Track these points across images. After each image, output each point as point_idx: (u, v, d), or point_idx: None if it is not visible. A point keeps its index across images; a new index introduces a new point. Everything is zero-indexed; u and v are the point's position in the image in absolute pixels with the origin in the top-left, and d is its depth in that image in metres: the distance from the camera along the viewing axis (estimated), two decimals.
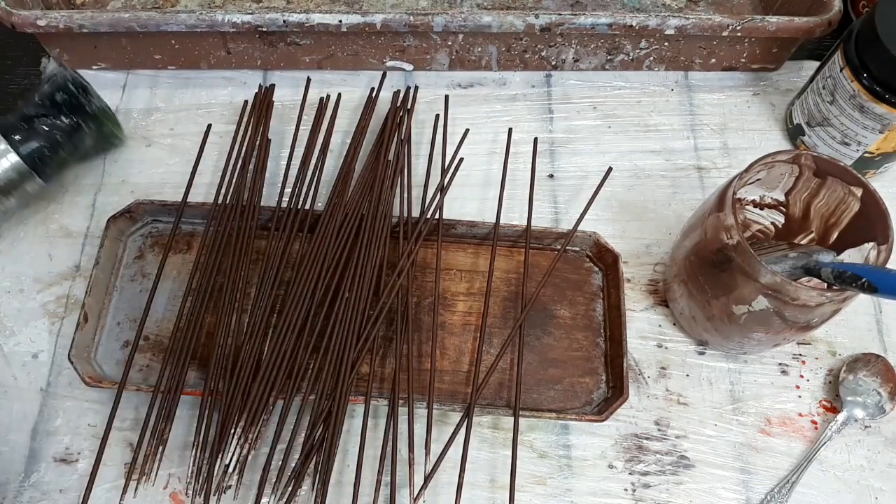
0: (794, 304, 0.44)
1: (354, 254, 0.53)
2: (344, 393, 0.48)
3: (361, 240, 0.54)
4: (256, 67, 0.66)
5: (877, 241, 0.46)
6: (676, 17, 0.60)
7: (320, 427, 0.48)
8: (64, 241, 0.58)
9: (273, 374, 0.49)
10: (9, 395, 0.52)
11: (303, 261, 0.53)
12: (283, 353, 0.49)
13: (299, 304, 0.51)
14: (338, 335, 0.50)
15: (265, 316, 0.51)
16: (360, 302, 0.51)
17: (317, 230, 0.54)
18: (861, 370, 0.54)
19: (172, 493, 0.49)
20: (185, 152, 0.62)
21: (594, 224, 0.59)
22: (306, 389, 0.49)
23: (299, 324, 0.50)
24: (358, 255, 0.53)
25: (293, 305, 0.51)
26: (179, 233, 0.58)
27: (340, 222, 0.54)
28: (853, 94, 0.55)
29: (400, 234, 0.56)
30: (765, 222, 0.54)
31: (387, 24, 0.60)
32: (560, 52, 0.65)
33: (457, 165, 0.59)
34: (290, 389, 0.49)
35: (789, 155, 0.48)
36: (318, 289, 0.52)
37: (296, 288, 0.52)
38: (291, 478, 0.47)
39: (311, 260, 0.53)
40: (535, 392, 0.53)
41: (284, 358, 0.49)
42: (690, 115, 0.66)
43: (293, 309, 0.51)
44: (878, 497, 0.51)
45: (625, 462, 0.51)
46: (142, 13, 0.59)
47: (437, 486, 0.50)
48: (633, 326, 0.56)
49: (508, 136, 0.62)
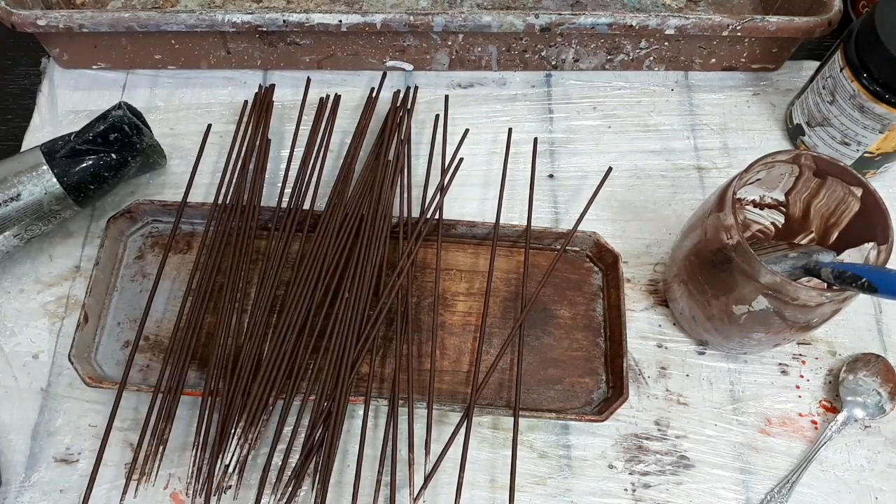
0: (794, 304, 0.44)
1: (354, 254, 0.53)
2: (344, 393, 0.48)
3: (361, 240, 0.54)
4: (256, 67, 0.66)
5: (877, 241, 0.46)
6: (676, 17, 0.60)
7: (320, 427, 0.48)
8: (64, 241, 0.58)
9: (273, 374, 0.49)
10: (9, 396, 0.52)
11: (302, 261, 0.53)
12: (283, 354, 0.49)
13: (299, 304, 0.51)
14: (338, 335, 0.50)
15: (265, 316, 0.51)
16: (360, 302, 0.51)
17: (317, 230, 0.54)
18: (861, 370, 0.54)
19: (173, 493, 0.49)
20: (184, 152, 0.62)
21: (594, 224, 0.59)
22: (306, 389, 0.49)
23: (299, 324, 0.50)
24: (358, 255, 0.53)
25: (293, 305, 0.51)
26: (179, 233, 0.58)
27: (340, 222, 0.54)
28: (853, 94, 0.55)
29: (399, 234, 0.56)
30: (765, 222, 0.54)
31: (387, 24, 0.60)
32: (560, 52, 0.65)
33: (457, 165, 0.60)
34: (290, 389, 0.49)
35: (789, 155, 0.48)
36: (317, 289, 0.52)
37: (296, 288, 0.52)
38: (291, 478, 0.47)
39: (310, 260, 0.53)
40: (535, 392, 0.53)
41: (284, 358, 0.49)
42: (690, 115, 0.66)
43: (293, 309, 0.51)
44: (878, 497, 0.51)
45: (625, 462, 0.51)
46: (142, 13, 0.59)
47: (437, 485, 0.50)
48: (633, 326, 0.56)
49: (508, 136, 0.62)
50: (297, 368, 0.49)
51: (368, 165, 0.58)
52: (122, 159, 0.54)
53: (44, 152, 0.53)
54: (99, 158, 0.53)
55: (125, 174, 0.56)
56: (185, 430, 0.51)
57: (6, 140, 0.63)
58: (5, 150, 0.62)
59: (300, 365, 0.50)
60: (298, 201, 0.56)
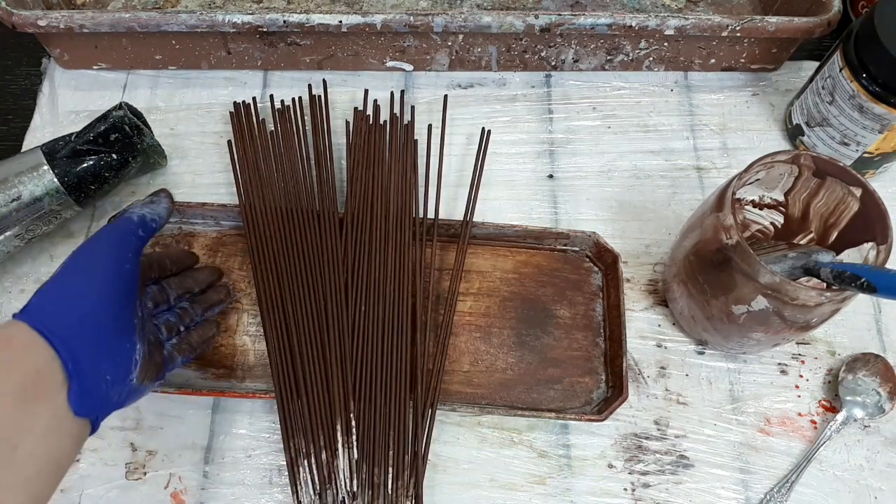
0: (793, 303, 0.44)
1: (377, 257, 0.54)
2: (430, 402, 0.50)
3: (383, 242, 0.55)
4: (257, 68, 0.66)
5: (876, 241, 0.46)
6: (676, 17, 0.60)
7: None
8: (65, 241, 0.58)
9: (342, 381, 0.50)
10: None
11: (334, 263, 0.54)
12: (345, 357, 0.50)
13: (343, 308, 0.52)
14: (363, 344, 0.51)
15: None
16: (366, 305, 0.52)
17: (343, 232, 0.55)
18: (860, 370, 0.54)
19: (173, 492, 0.49)
20: (185, 152, 0.62)
21: (594, 224, 0.59)
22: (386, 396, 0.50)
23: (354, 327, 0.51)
24: (381, 257, 0.54)
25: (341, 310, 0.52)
26: (180, 233, 0.58)
27: (365, 225, 0.55)
28: (852, 94, 0.55)
29: (404, 235, 0.56)
30: (764, 222, 0.55)
31: (387, 25, 0.60)
32: (560, 53, 0.65)
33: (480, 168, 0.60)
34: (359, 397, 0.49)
35: (788, 155, 0.48)
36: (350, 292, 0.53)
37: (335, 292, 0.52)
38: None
39: (342, 261, 0.54)
40: (534, 392, 0.53)
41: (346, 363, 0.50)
42: (690, 116, 0.66)
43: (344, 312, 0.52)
44: (878, 497, 0.51)
45: (624, 462, 0.52)
46: (142, 13, 0.59)
47: (436, 485, 0.50)
48: (633, 326, 0.56)
49: (481, 136, 0.61)
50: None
51: (369, 167, 0.58)
52: (123, 159, 0.55)
53: (44, 152, 0.53)
54: (100, 159, 0.54)
55: (126, 174, 0.56)
56: (185, 429, 0.51)
57: (7, 140, 0.63)
58: (6, 150, 0.62)
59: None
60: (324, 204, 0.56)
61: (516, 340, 0.55)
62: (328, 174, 0.58)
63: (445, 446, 0.51)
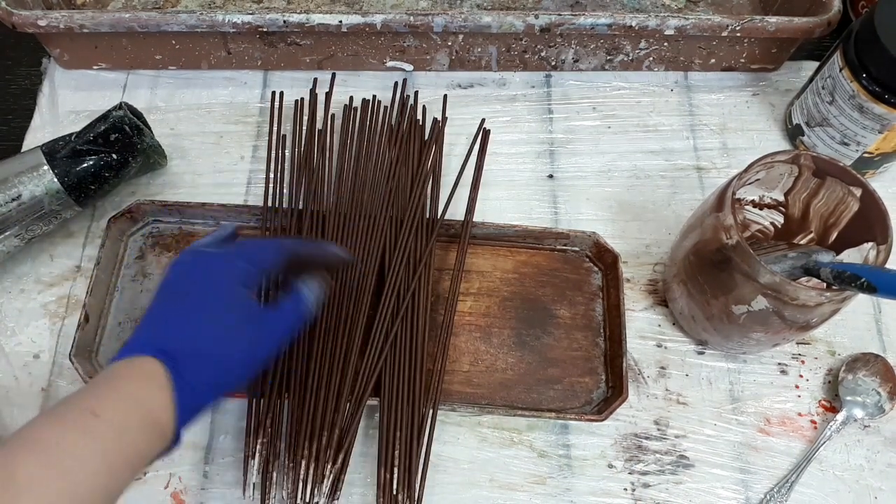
0: (793, 303, 0.44)
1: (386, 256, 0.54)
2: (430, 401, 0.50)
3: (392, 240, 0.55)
4: (257, 68, 0.66)
5: (876, 241, 0.46)
6: (676, 17, 0.60)
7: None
8: (65, 241, 0.58)
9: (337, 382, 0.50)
10: (10, 396, 0.52)
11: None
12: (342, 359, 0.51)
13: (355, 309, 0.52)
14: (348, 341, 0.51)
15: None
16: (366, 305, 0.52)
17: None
18: (860, 370, 0.54)
19: (173, 492, 0.49)
20: (185, 152, 0.62)
21: (594, 224, 0.59)
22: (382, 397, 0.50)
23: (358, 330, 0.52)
24: (391, 256, 0.54)
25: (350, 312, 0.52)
26: (180, 233, 0.58)
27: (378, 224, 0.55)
28: (852, 94, 0.55)
29: (405, 234, 0.56)
30: (764, 222, 0.55)
31: (387, 25, 0.60)
32: (560, 53, 0.65)
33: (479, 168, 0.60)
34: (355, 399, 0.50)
35: (788, 155, 0.48)
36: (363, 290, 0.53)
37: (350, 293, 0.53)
38: None
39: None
40: (534, 392, 0.53)
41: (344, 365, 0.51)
42: (690, 116, 0.66)
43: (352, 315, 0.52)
44: (878, 496, 0.51)
45: (624, 462, 0.52)
46: (142, 13, 0.59)
47: (436, 485, 0.50)
48: (633, 326, 0.56)
49: (478, 132, 0.62)
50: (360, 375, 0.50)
51: (369, 168, 0.58)
52: (123, 159, 0.55)
53: (44, 152, 0.53)
54: (100, 159, 0.54)
55: (126, 174, 0.56)
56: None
57: (7, 140, 0.63)
58: (6, 150, 0.62)
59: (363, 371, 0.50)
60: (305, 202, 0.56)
61: (516, 340, 0.55)
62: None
63: (445, 446, 0.51)
